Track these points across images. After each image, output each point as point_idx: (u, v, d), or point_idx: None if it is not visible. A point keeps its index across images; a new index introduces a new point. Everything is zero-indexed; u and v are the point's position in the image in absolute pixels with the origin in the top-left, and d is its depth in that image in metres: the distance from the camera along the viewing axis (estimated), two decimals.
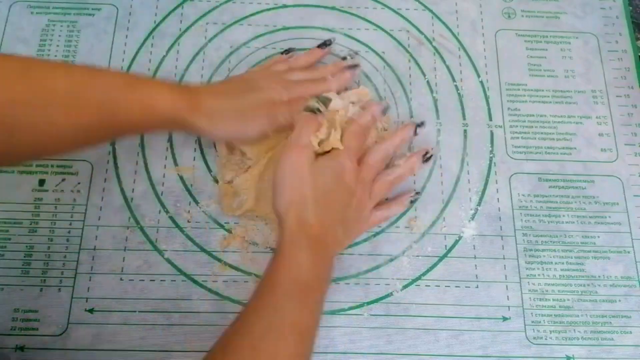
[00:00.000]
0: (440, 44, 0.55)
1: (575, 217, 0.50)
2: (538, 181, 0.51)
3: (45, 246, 0.47)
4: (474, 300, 0.47)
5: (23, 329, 0.45)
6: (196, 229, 0.48)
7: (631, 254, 0.49)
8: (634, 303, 0.47)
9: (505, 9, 0.57)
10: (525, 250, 0.48)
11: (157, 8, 0.56)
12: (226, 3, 0.56)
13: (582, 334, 0.46)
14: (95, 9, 0.55)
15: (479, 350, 0.45)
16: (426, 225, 0.49)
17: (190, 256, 0.47)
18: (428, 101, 0.53)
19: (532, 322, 0.46)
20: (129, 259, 0.47)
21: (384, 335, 0.45)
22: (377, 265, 0.48)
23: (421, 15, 0.56)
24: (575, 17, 0.57)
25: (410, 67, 0.54)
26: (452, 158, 0.51)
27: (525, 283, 0.47)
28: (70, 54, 0.53)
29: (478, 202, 0.50)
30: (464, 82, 0.54)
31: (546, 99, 0.54)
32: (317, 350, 0.44)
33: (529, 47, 0.56)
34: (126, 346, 0.44)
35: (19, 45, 0.53)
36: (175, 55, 0.54)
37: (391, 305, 0.46)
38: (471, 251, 0.48)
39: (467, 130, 0.52)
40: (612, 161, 0.52)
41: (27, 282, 0.46)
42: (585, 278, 0.48)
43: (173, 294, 0.46)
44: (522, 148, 0.52)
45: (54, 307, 0.45)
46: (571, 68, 0.55)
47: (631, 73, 0.55)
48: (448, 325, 0.46)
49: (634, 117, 0.53)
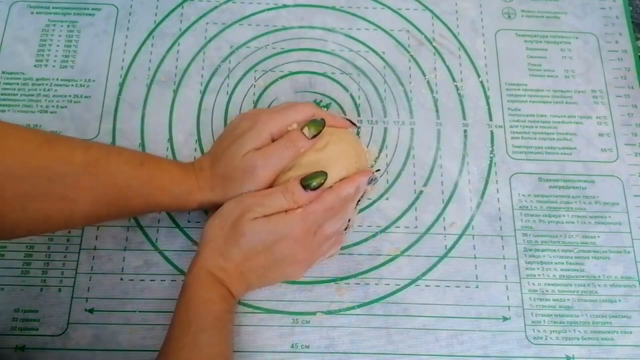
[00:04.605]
0: (440, 44, 0.55)
1: (575, 217, 0.50)
2: (538, 181, 0.51)
3: (45, 246, 0.47)
4: (474, 300, 0.47)
5: (23, 329, 0.45)
6: (196, 229, 0.48)
7: (631, 254, 0.49)
8: (634, 303, 0.47)
9: (505, 9, 0.57)
10: (525, 250, 0.48)
11: (157, 8, 0.56)
12: (226, 3, 0.56)
13: (582, 334, 0.46)
14: (95, 9, 0.55)
15: (479, 350, 0.45)
16: (426, 225, 0.49)
17: (190, 256, 0.47)
18: (428, 101, 0.53)
19: (532, 322, 0.46)
20: (129, 259, 0.47)
21: (384, 335, 0.45)
22: (377, 265, 0.48)
23: (421, 15, 0.56)
24: (575, 17, 0.57)
25: (410, 67, 0.54)
26: (452, 158, 0.51)
27: (525, 283, 0.47)
28: (70, 54, 0.53)
29: (478, 202, 0.50)
30: (464, 82, 0.54)
31: (546, 99, 0.54)
32: (317, 350, 0.45)
33: (529, 47, 0.56)
34: (126, 346, 0.44)
35: (19, 45, 0.53)
36: (175, 55, 0.54)
37: (391, 305, 0.46)
38: (471, 251, 0.48)
39: (467, 130, 0.52)
40: (612, 161, 0.52)
41: (27, 282, 0.46)
42: (586, 278, 0.48)
43: (173, 294, 0.46)
44: (522, 148, 0.52)
45: (54, 307, 0.45)
46: (571, 68, 0.55)
47: (631, 73, 0.55)
48: (448, 325, 0.46)
49: (634, 117, 0.53)
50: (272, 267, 0.42)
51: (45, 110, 0.51)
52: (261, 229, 0.41)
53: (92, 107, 0.52)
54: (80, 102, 0.52)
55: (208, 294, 0.40)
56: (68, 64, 0.53)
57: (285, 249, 0.41)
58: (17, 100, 0.51)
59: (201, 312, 0.39)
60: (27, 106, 0.51)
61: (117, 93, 0.52)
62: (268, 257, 0.41)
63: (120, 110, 0.52)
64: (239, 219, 0.41)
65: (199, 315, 0.39)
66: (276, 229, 0.41)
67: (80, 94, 0.52)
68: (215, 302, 0.40)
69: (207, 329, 0.39)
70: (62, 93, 0.52)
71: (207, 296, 0.40)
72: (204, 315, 0.39)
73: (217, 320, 0.40)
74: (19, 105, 0.51)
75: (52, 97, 0.52)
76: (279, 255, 0.41)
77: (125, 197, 0.41)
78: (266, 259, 0.42)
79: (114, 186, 0.40)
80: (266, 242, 0.41)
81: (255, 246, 0.41)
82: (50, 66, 0.53)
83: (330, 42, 0.55)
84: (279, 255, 0.41)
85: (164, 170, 0.43)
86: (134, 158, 0.42)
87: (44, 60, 0.53)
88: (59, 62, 0.53)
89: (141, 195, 0.41)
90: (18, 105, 0.51)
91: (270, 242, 0.41)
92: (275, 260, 0.42)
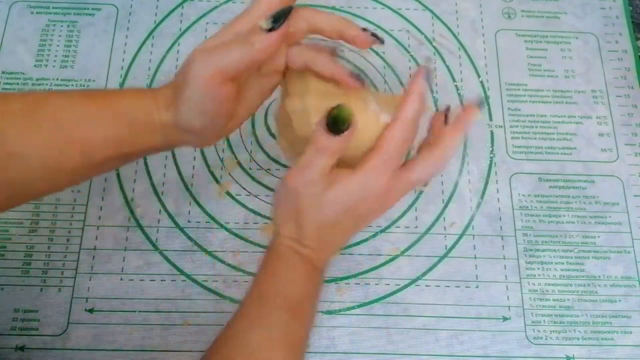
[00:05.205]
0: (440, 44, 0.55)
1: (575, 217, 0.50)
2: (538, 181, 0.51)
3: (45, 246, 0.47)
4: (474, 300, 0.47)
5: (23, 329, 0.45)
6: (196, 229, 0.48)
7: (631, 254, 0.49)
8: (634, 303, 0.47)
9: (505, 9, 0.57)
10: (525, 250, 0.48)
11: (157, 8, 0.56)
12: (226, 3, 0.56)
13: (582, 334, 0.46)
14: (95, 9, 0.55)
15: (479, 350, 0.45)
16: (426, 225, 0.49)
17: (190, 256, 0.47)
18: (428, 101, 0.53)
19: (532, 322, 0.46)
20: (129, 259, 0.47)
21: (384, 335, 0.45)
22: (377, 265, 0.48)
23: (421, 15, 0.56)
24: (575, 17, 0.57)
25: (410, 67, 0.54)
26: (452, 158, 0.51)
27: (525, 283, 0.47)
28: (70, 54, 0.53)
29: (478, 202, 0.50)
30: (464, 82, 0.54)
31: (546, 99, 0.54)
32: (317, 350, 0.45)
33: (529, 47, 0.56)
34: (126, 346, 0.44)
35: (19, 45, 0.53)
36: (175, 55, 0.54)
37: (391, 305, 0.46)
38: (471, 251, 0.48)
39: None
40: (612, 161, 0.52)
41: (27, 282, 0.46)
42: (586, 278, 0.48)
43: (173, 294, 0.46)
44: (522, 148, 0.52)
45: (54, 307, 0.45)
46: (571, 68, 0.55)
47: (631, 73, 0.55)
48: (448, 325, 0.46)
49: (634, 117, 0.53)
50: (354, 228, 0.37)
51: None
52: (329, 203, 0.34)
53: None
54: None
55: (288, 271, 0.36)
56: (68, 64, 0.53)
57: (366, 208, 0.35)
58: None
59: (279, 289, 0.35)
60: None
61: None
62: (348, 221, 0.36)
63: None
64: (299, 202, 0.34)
65: (277, 292, 0.35)
66: (350, 196, 0.34)
67: None
68: (296, 281, 0.36)
69: (284, 308, 0.35)
70: None
71: (286, 273, 0.36)
72: (283, 293, 0.35)
73: (296, 301, 0.35)
74: None
75: None
76: (359, 213, 0.35)
77: (79, 137, 0.34)
78: (348, 223, 0.36)
79: (60, 128, 0.34)
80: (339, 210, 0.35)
81: (328, 215, 0.35)
82: (50, 66, 0.53)
83: (330, 42, 0.55)
84: (359, 213, 0.35)
85: (113, 95, 0.37)
86: (78, 92, 0.37)
87: (44, 60, 0.53)
88: (59, 62, 0.53)
89: (94, 130, 0.34)
90: None
91: (346, 207, 0.35)
92: (359, 219, 0.36)
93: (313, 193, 0.34)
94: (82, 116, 0.35)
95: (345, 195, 0.34)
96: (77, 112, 0.35)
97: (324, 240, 0.37)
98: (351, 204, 0.34)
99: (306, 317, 0.37)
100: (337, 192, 0.34)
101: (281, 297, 0.36)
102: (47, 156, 0.34)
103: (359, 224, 0.37)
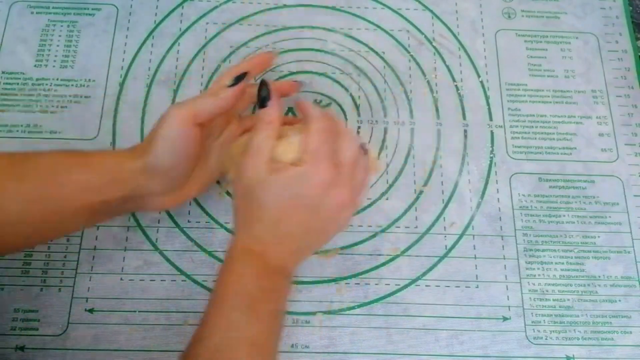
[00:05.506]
0: (440, 44, 0.55)
1: (575, 217, 0.50)
2: (538, 181, 0.51)
3: (45, 246, 0.47)
4: (474, 300, 0.47)
5: (23, 329, 0.45)
6: (196, 229, 0.48)
7: (631, 254, 0.49)
8: (634, 303, 0.47)
9: (505, 9, 0.57)
10: (525, 250, 0.48)
11: (157, 8, 0.56)
12: (226, 3, 0.56)
13: (582, 334, 0.46)
14: (95, 9, 0.55)
15: (479, 350, 0.45)
16: (426, 225, 0.49)
17: (190, 256, 0.47)
18: (428, 101, 0.53)
19: (532, 322, 0.46)
20: (129, 259, 0.47)
21: (384, 335, 0.45)
22: (377, 265, 0.48)
23: (421, 15, 0.57)
24: (575, 17, 0.57)
25: (410, 67, 0.54)
26: (452, 158, 0.51)
27: (525, 283, 0.47)
28: (70, 54, 0.53)
29: (478, 202, 0.50)
30: (464, 82, 0.54)
31: (546, 99, 0.54)
32: (317, 350, 0.45)
33: (529, 47, 0.56)
34: (126, 346, 0.44)
35: (19, 45, 0.53)
36: (175, 55, 0.54)
37: (391, 305, 0.46)
38: (471, 251, 0.48)
39: (467, 130, 0.52)
40: (612, 161, 0.52)
41: (27, 282, 0.46)
42: (586, 278, 0.48)
43: (173, 294, 0.46)
44: (522, 148, 0.52)
45: (54, 307, 0.45)
46: (571, 68, 0.55)
47: (631, 73, 0.55)
48: (448, 325, 0.46)
49: (634, 117, 0.53)
50: (310, 220, 0.38)
51: (45, 110, 0.51)
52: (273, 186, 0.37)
53: (92, 107, 0.52)
54: (80, 102, 0.52)
55: (243, 269, 0.37)
56: (68, 64, 0.53)
57: (315, 195, 0.38)
58: (17, 100, 0.51)
59: (235, 289, 0.37)
60: (27, 106, 0.51)
61: (117, 93, 0.52)
62: (299, 210, 0.38)
63: (120, 110, 0.52)
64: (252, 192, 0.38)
65: (233, 292, 0.37)
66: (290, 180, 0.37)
67: (80, 94, 0.52)
68: (250, 278, 0.37)
69: (241, 307, 0.36)
70: (62, 93, 0.52)
71: (241, 272, 0.37)
72: (238, 291, 0.37)
73: (252, 299, 0.37)
74: (19, 105, 0.51)
75: (52, 97, 0.52)
76: (308, 202, 0.38)
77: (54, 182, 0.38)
78: (300, 212, 0.38)
79: (38, 178, 0.38)
80: (285, 196, 0.37)
81: (275, 202, 0.37)
82: (50, 66, 0.53)
83: (330, 42, 0.55)
84: (308, 202, 0.38)
85: (96, 152, 0.41)
86: (65, 150, 0.41)
87: (44, 60, 0.53)
88: (59, 62, 0.53)
89: (68, 177, 0.38)
90: (18, 105, 0.51)
91: (291, 194, 0.37)
92: (312, 210, 0.38)
93: (261, 179, 0.37)
94: (60, 166, 0.39)
95: (287, 178, 0.37)
96: (57, 163, 0.39)
97: (280, 233, 0.38)
98: (296, 189, 0.37)
99: (267, 315, 0.38)
100: (278, 176, 0.37)
101: (238, 297, 0.37)
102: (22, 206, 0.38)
103: (316, 216, 0.38)
